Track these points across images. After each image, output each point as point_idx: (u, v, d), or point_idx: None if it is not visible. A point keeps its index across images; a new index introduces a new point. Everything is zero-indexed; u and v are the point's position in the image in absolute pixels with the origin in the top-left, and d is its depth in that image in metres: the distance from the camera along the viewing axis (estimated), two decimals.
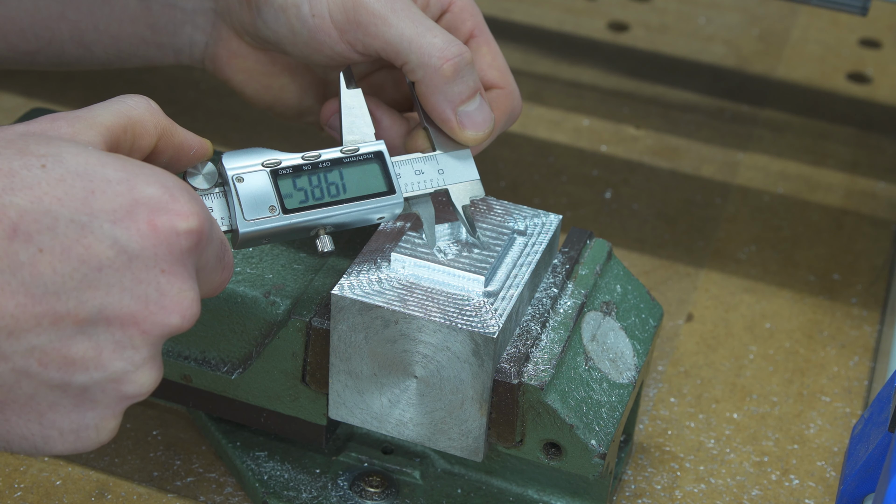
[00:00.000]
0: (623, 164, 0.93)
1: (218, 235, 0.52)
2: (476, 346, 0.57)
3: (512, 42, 1.05)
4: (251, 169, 0.58)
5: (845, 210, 0.90)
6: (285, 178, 0.58)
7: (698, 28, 1.09)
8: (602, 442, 0.59)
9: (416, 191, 0.61)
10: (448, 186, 0.61)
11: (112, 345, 0.48)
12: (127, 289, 0.48)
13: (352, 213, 0.59)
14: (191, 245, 0.49)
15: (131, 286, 0.48)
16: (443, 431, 0.59)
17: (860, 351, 0.78)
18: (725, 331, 0.79)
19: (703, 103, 1.00)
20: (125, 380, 0.49)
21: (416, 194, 0.61)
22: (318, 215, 0.58)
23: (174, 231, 0.49)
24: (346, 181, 0.59)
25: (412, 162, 0.61)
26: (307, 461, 0.66)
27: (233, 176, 0.57)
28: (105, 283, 0.48)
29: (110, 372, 0.48)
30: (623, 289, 0.65)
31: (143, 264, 0.48)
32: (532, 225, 0.63)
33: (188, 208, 0.49)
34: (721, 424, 0.72)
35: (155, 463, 0.68)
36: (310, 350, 0.60)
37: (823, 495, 0.68)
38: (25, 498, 0.65)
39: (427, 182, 0.61)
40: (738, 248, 0.86)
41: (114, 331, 0.48)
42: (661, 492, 0.68)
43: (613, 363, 0.62)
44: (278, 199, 0.57)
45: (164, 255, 0.49)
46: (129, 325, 0.48)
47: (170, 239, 0.49)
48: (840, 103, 1.01)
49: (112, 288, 0.48)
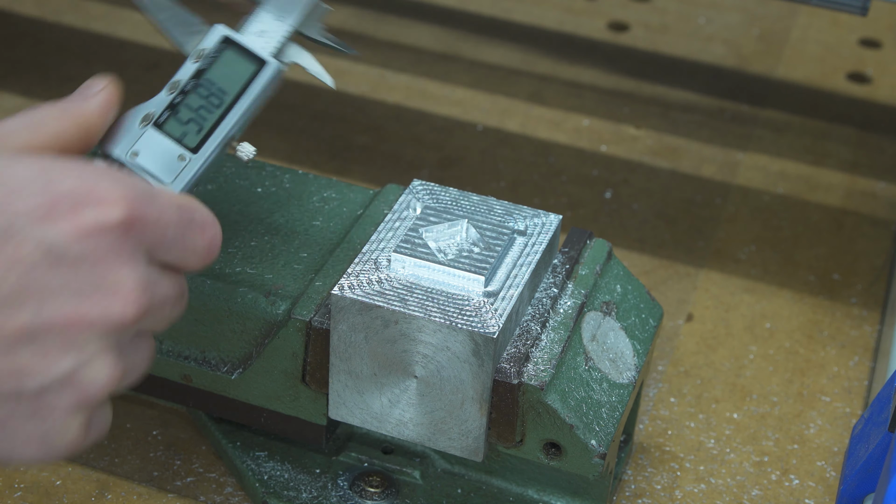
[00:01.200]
0: (623, 164, 0.93)
1: (166, 204, 0.49)
2: (476, 346, 0.57)
3: (512, 42, 1.05)
4: (136, 137, 0.55)
5: (845, 210, 0.90)
6: (169, 122, 0.56)
7: (698, 28, 1.09)
8: (602, 442, 0.59)
9: (275, 47, 0.59)
10: (295, 27, 0.60)
11: (57, 347, 0.47)
12: (60, 289, 0.46)
13: (248, 106, 0.57)
14: (122, 232, 0.47)
15: (64, 285, 0.46)
16: (443, 431, 0.59)
17: (860, 351, 0.78)
18: (725, 331, 0.79)
19: (702, 103, 1.00)
20: (77, 378, 0.47)
21: (278, 50, 0.59)
22: (224, 131, 0.56)
23: (99, 224, 0.47)
24: (219, 84, 0.57)
25: (248, 27, 0.60)
26: (307, 461, 0.66)
27: (127, 158, 0.55)
28: (37, 287, 0.46)
29: (59, 374, 0.47)
30: (623, 289, 0.65)
31: (73, 261, 0.46)
32: (532, 225, 0.63)
33: (112, 196, 0.47)
34: (721, 424, 0.72)
35: (155, 463, 0.68)
36: (310, 350, 0.60)
37: (823, 495, 0.68)
38: (25, 498, 0.65)
39: (277, 33, 0.59)
40: (737, 248, 0.86)
41: (55, 333, 0.47)
42: (660, 492, 0.68)
43: (613, 363, 0.62)
44: (180, 145, 0.56)
45: (95, 249, 0.47)
46: (69, 325, 0.47)
47: (97, 232, 0.47)
48: (840, 103, 1.01)
49: (45, 291, 0.46)
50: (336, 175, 0.88)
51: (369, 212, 0.65)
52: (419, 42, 1.05)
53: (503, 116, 0.97)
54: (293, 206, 0.66)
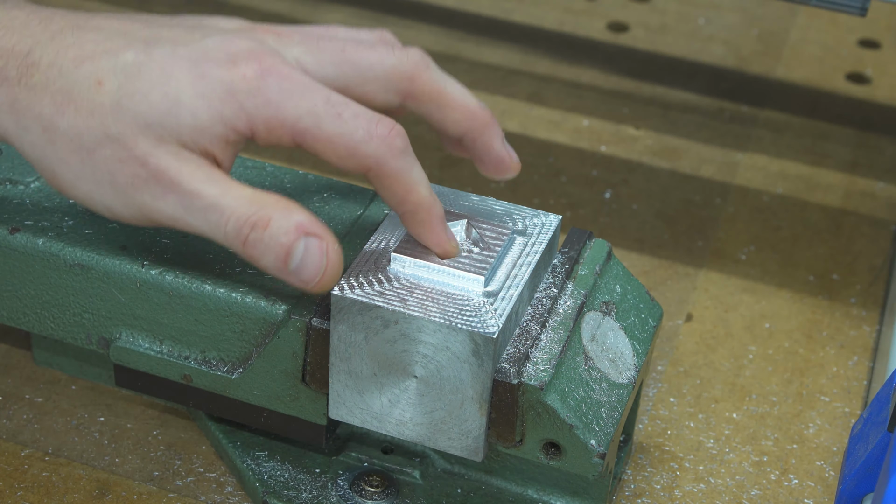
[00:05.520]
0: (623, 165, 0.93)
1: None
2: (476, 346, 0.57)
3: (512, 42, 1.05)
4: None
5: (844, 210, 0.90)
6: None
7: (698, 28, 1.09)
8: (602, 442, 0.59)
9: None
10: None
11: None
12: None
13: None
14: None
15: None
16: (443, 431, 0.59)
17: (859, 351, 0.78)
18: (725, 331, 0.79)
19: (702, 103, 1.00)
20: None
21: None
22: None
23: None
24: None
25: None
26: (307, 461, 0.66)
27: None
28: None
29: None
30: (623, 289, 0.65)
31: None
32: (532, 225, 0.63)
33: None
34: (720, 424, 0.72)
35: (155, 462, 0.68)
36: (310, 350, 0.60)
37: (822, 495, 0.69)
38: (26, 497, 0.65)
39: None
40: (737, 248, 0.86)
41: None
42: (660, 491, 0.68)
43: (613, 363, 0.62)
44: None
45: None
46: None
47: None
48: (839, 104, 1.01)
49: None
50: (336, 175, 0.88)
51: (369, 212, 0.65)
52: (419, 42, 1.05)
53: (503, 116, 0.97)
54: None
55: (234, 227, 0.55)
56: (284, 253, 0.55)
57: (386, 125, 0.57)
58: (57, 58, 0.56)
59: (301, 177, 0.68)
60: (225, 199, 0.55)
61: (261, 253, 0.56)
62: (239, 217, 0.55)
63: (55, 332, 0.65)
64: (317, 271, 0.56)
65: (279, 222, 0.55)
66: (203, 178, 0.56)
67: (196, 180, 0.55)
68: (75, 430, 0.69)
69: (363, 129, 0.56)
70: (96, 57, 0.56)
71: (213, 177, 0.56)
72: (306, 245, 0.55)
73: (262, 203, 0.56)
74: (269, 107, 0.56)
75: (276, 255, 0.56)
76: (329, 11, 1.07)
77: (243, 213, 0.55)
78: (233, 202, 0.55)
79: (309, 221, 0.56)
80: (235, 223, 0.55)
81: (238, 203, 0.55)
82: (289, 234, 0.55)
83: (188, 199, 0.55)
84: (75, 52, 0.56)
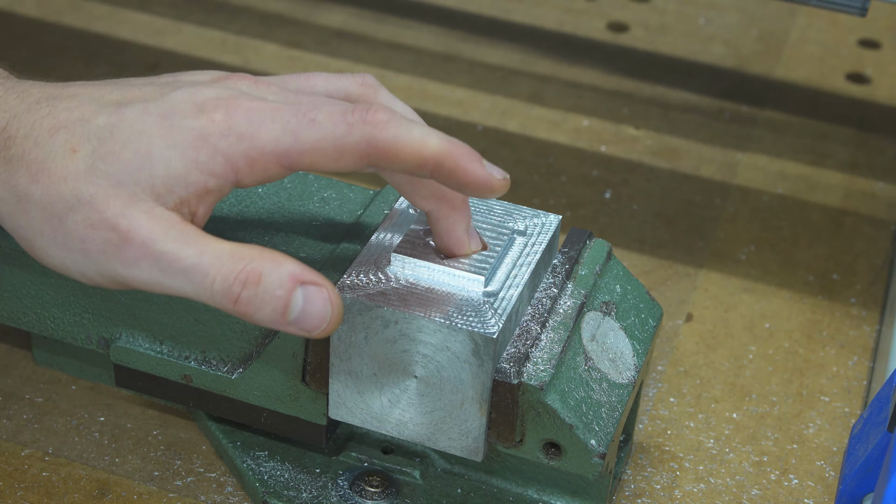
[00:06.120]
0: (623, 165, 0.93)
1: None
2: (476, 346, 0.57)
3: (512, 42, 1.05)
4: None
5: (844, 210, 0.90)
6: None
7: (698, 28, 1.09)
8: (602, 442, 0.59)
9: None
10: None
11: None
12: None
13: None
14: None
15: None
16: (443, 431, 0.59)
17: (859, 351, 0.78)
18: (725, 331, 0.79)
19: (702, 103, 1.00)
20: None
21: None
22: None
23: None
24: None
25: None
26: (307, 461, 0.66)
27: None
28: None
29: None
30: (623, 289, 0.65)
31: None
32: (532, 225, 0.63)
33: None
34: (720, 424, 0.72)
35: (155, 462, 0.68)
36: (310, 350, 0.60)
37: (822, 495, 0.69)
38: (26, 497, 0.65)
39: None
40: (737, 248, 0.86)
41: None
42: (660, 491, 0.68)
43: (613, 363, 0.62)
44: None
45: None
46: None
47: None
48: (839, 104, 1.01)
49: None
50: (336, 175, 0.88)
51: (369, 212, 0.65)
52: (419, 42, 1.05)
53: (503, 117, 0.97)
54: (293, 206, 0.66)
55: (221, 286, 0.53)
56: (283, 306, 0.54)
57: (360, 108, 0.55)
58: (32, 129, 0.56)
59: (301, 177, 0.68)
60: (205, 258, 0.54)
61: (255, 309, 0.54)
62: (225, 276, 0.53)
63: (55, 332, 0.65)
64: (322, 319, 0.54)
65: (271, 276, 0.53)
66: (176, 236, 0.54)
67: (169, 240, 0.54)
68: (75, 430, 0.69)
69: (340, 123, 0.55)
70: (70, 125, 0.56)
71: (187, 235, 0.54)
72: (305, 295, 0.54)
73: (246, 258, 0.54)
74: (244, 140, 0.55)
75: (272, 309, 0.54)
76: (329, 11, 1.07)
77: (229, 270, 0.54)
78: (214, 261, 0.54)
79: (300, 270, 0.54)
80: (222, 283, 0.53)
81: (220, 261, 0.54)
82: (283, 287, 0.53)
83: (163, 261, 0.54)
84: (50, 122, 0.56)
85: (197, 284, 0.54)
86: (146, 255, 0.54)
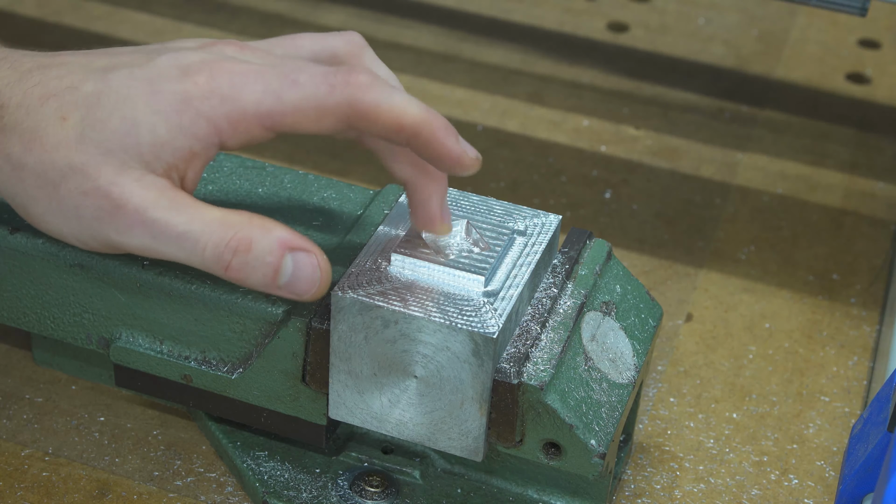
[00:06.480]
0: (623, 165, 0.93)
1: None
2: (476, 346, 0.57)
3: (512, 42, 1.05)
4: None
5: (844, 210, 0.90)
6: None
7: (698, 28, 1.09)
8: (602, 442, 0.59)
9: None
10: None
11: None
12: None
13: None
14: None
15: None
16: (443, 431, 0.60)
17: (859, 351, 0.78)
18: (725, 331, 0.79)
19: (702, 103, 1.00)
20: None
21: None
22: None
23: None
24: None
25: None
26: (307, 461, 0.66)
27: None
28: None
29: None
30: (623, 289, 0.65)
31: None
32: (532, 225, 0.63)
33: None
34: (720, 424, 0.72)
35: (155, 462, 0.68)
36: (310, 350, 0.60)
37: (822, 495, 0.69)
38: (26, 497, 0.65)
39: None
40: (737, 248, 0.86)
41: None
42: (660, 491, 0.68)
43: (613, 363, 0.62)
44: None
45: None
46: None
47: None
48: (839, 104, 1.01)
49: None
50: (336, 175, 0.88)
51: (369, 212, 0.66)
52: (419, 42, 1.05)
53: (503, 117, 0.97)
54: (293, 206, 0.66)
55: (212, 253, 0.55)
56: (273, 272, 0.55)
57: (343, 70, 0.56)
58: (25, 98, 0.57)
59: (301, 177, 0.68)
60: (195, 225, 0.55)
61: (246, 275, 0.55)
62: (217, 243, 0.55)
63: (55, 332, 0.65)
64: (312, 283, 0.56)
65: (261, 243, 0.55)
66: (167, 204, 0.55)
67: (160, 207, 0.55)
68: (75, 430, 0.69)
69: (322, 84, 0.55)
70: (59, 93, 0.57)
71: (177, 202, 0.55)
72: (295, 260, 0.56)
73: (236, 225, 0.55)
74: (226, 103, 0.56)
75: (263, 275, 0.55)
76: (329, 11, 1.07)
77: (219, 238, 0.55)
78: (205, 228, 0.55)
79: (289, 236, 0.55)
80: (213, 250, 0.55)
81: (210, 228, 0.55)
82: (273, 253, 0.55)
83: (155, 228, 0.55)
84: (41, 90, 0.57)
85: (188, 251, 0.55)
86: (138, 223, 0.55)
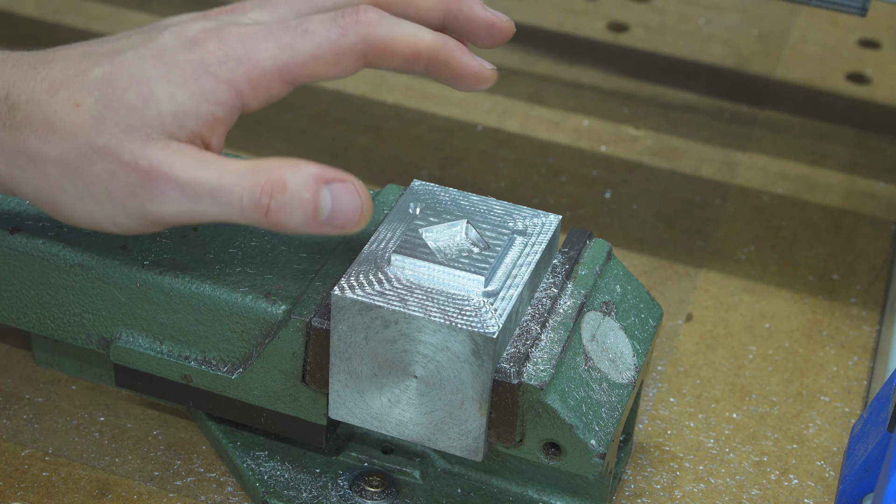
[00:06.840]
0: (623, 165, 0.93)
1: None
2: (476, 346, 0.57)
3: (512, 42, 1.05)
4: None
5: (845, 210, 0.90)
6: None
7: (698, 28, 1.09)
8: (602, 442, 0.59)
9: None
10: None
11: None
12: None
13: None
14: None
15: None
16: (443, 431, 0.60)
17: (859, 351, 0.78)
18: (725, 331, 0.79)
19: (702, 104, 1.00)
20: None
21: None
22: None
23: None
24: None
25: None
26: (307, 461, 0.66)
27: None
28: None
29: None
30: (623, 289, 0.65)
31: None
32: (532, 225, 0.63)
33: None
34: (720, 424, 0.72)
35: (155, 462, 0.68)
36: (310, 350, 0.60)
37: (823, 495, 0.69)
38: (26, 497, 0.65)
39: None
40: (737, 248, 0.86)
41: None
42: (660, 491, 0.68)
43: (613, 363, 0.62)
44: None
45: None
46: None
47: None
48: (839, 104, 1.01)
49: None
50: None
51: None
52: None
53: (503, 117, 0.97)
54: None
55: (249, 201, 0.55)
56: (313, 208, 0.55)
57: (349, 10, 0.57)
58: (33, 93, 0.57)
59: None
60: (227, 178, 0.55)
61: (287, 216, 0.55)
62: (251, 190, 0.55)
63: (55, 332, 0.65)
64: (354, 212, 0.56)
65: (295, 181, 0.55)
66: (195, 164, 0.55)
67: (189, 167, 0.55)
68: (75, 430, 0.69)
69: (333, 28, 0.56)
70: (68, 82, 0.57)
71: (205, 161, 0.56)
72: (332, 192, 0.55)
73: (267, 169, 0.55)
74: (243, 64, 0.56)
75: (303, 212, 0.55)
76: None
77: (253, 184, 0.55)
78: (237, 178, 0.55)
79: (321, 169, 0.55)
80: (250, 198, 0.55)
81: (242, 178, 0.55)
82: (309, 188, 0.55)
83: (189, 188, 0.55)
84: (48, 83, 0.57)
85: (225, 204, 0.55)
86: (172, 188, 0.55)
